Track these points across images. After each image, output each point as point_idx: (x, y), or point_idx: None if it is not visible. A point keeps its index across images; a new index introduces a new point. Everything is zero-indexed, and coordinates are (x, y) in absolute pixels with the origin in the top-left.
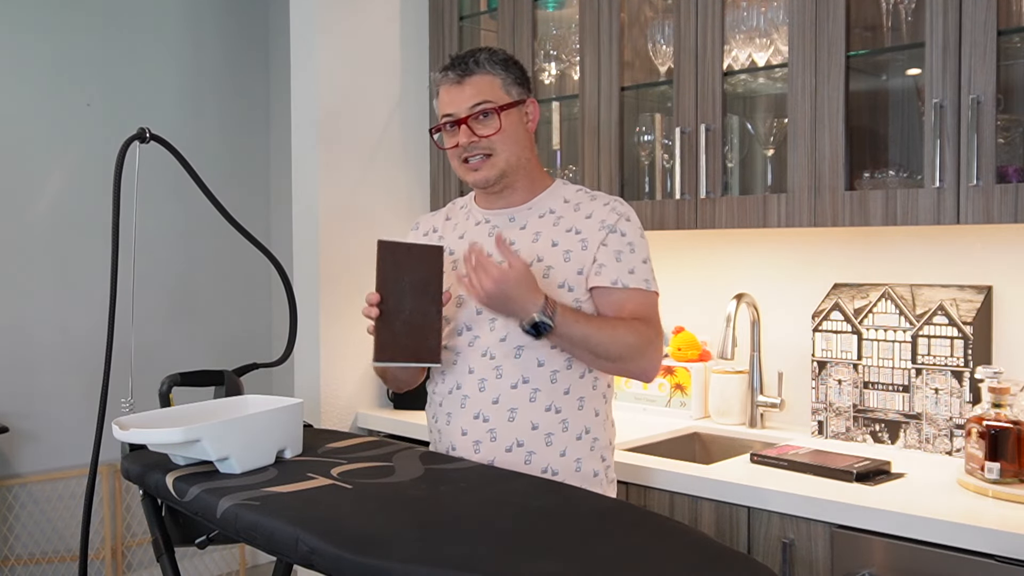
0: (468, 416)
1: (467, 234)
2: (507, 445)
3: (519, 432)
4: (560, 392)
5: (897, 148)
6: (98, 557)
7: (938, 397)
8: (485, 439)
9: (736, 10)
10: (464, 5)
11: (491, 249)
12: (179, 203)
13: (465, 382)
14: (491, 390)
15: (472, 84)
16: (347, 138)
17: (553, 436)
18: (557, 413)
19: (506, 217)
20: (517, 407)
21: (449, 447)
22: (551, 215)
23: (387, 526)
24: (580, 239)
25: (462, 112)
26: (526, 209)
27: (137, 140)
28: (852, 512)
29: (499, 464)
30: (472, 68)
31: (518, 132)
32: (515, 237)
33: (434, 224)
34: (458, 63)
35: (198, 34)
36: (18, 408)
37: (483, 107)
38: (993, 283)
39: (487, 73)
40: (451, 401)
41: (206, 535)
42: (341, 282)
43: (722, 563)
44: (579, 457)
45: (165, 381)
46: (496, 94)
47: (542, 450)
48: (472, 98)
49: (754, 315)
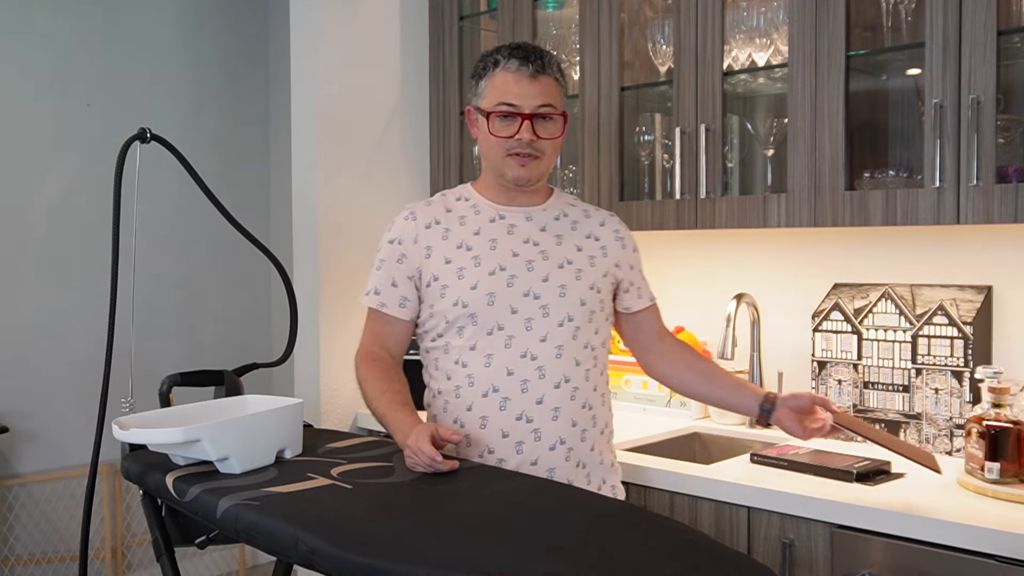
0: (510, 418)
1: (482, 230)
2: (551, 443)
3: (561, 430)
4: (591, 389)
5: (897, 148)
6: (98, 557)
7: (938, 397)
8: (529, 439)
9: (736, 10)
10: (464, 5)
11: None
12: (179, 203)
13: (504, 384)
14: (534, 390)
15: (544, 84)
16: (347, 138)
17: (586, 432)
18: (589, 409)
19: (523, 215)
20: (560, 406)
21: (484, 451)
22: (565, 218)
23: (387, 526)
24: (600, 246)
25: (528, 108)
26: (542, 210)
27: (138, 140)
28: (852, 512)
29: (541, 462)
30: (547, 68)
31: (560, 141)
32: (537, 238)
33: (435, 216)
34: (535, 58)
35: (198, 34)
36: (18, 408)
37: (549, 110)
38: (993, 283)
39: (554, 78)
40: (487, 404)
41: (206, 535)
42: (341, 282)
43: (722, 563)
44: (601, 450)
45: (165, 381)
46: (558, 100)
47: (578, 445)
48: (542, 97)
49: (754, 315)
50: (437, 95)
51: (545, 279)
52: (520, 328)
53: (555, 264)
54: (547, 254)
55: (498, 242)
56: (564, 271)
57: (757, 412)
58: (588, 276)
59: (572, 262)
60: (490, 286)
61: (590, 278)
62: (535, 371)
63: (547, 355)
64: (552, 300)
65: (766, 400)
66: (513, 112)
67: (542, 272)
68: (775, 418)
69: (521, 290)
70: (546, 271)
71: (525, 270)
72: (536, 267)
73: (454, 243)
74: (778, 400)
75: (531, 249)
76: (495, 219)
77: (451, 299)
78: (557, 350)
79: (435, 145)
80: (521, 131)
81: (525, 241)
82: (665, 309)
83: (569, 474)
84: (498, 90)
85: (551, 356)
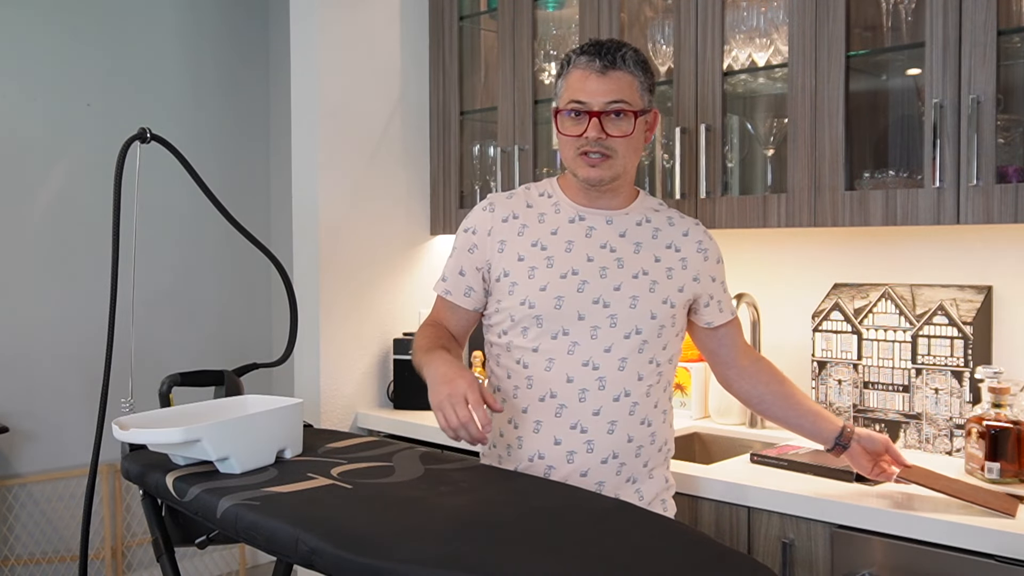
0: (564, 426)
1: (560, 230)
2: (603, 457)
3: (616, 445)
4: (651, 406)
5: (897, 148)
6: (98, 557)
7: (938, 397)
8: (581, 450)
9: (736, 10)
10: (464, 5)
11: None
12: (179, 203)
13: (562, 390)
14: (592, 401)
15: (615, 79)
16: (347, 138)
17: (643, 448)
18: (649, 426)
19: (603, 218)
20: (617, 420)
21: (535, 455)
22: (648, 224)
23: (387, 526)
24: (680, 258)
25: (597, 105)
26: (623, 214)
27: (138, 140)
28: (852, 512)
29: (591, 475)
30: (619, 63)
31: (639, 139)
32: (615, 243)
33: (513, 210)
34: (606, 53)
35: (198, 34)
36: (18, 408)
37: (620, 106)
38: (993, 283)
39: (629, 72)
40: (543, 409)
41: (206, 535)
42: (341, 282)
43: (722, 563)
44: (655, 467)
45: (165, 381)
46: (634, 96)
47: (631, 461)
48: (612, 94)
49: (754, 315)
50: (437, 95)
51: (617, 288)
52: (585, 336)
53: (629, 273)
54: (623, 262)
55: (575, 244)
56: (638, 281)
57: (832, 445)
58: (663, 289)
59: (648, 273)
60: (560, 289)
61: (665, 291)
62: (595, 381)
63: (610, 366)
64: (622, 310)
65: (843, 436)
66: (582, 109)
67: (615, 280)
68: (848, 454)
69: (591, 297)
70: (619, 280)
71: (598, 276)
72: (609, 274)
73: (529, 240)
74: (853, 438)
75: (607, 255)
76: (574, 219)
77: (519, 298)
78: (621, 362)
79: (435, 145)
80: (589, 129)
81: (602, 246)
82: None
83: (618, 489)
84: (570, 88)
85: (613, 368)
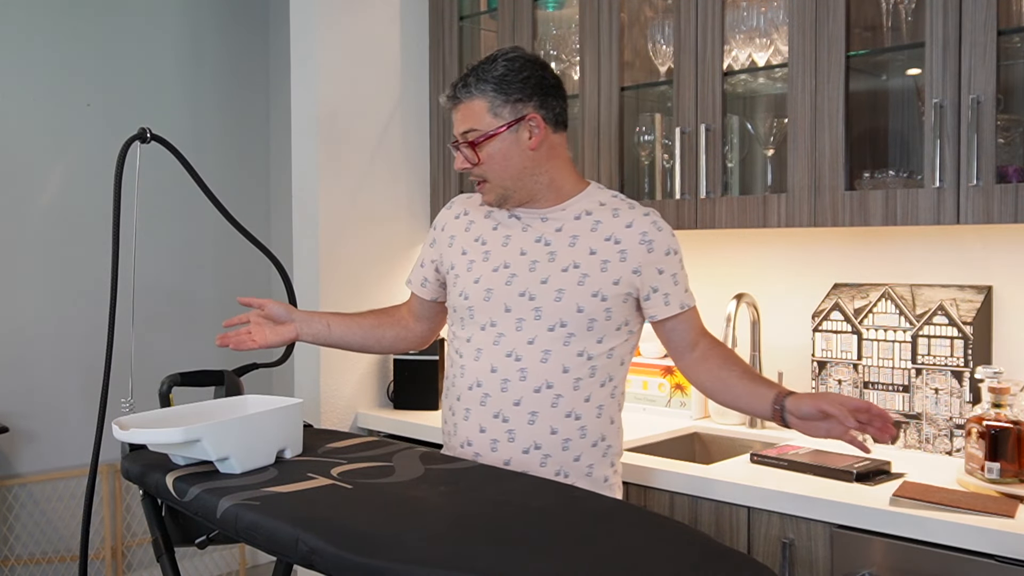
0: (488, 415)
1: (500, 226)
2: (525, 447)
3: (538, 435)
4: (581, 399)
5: (897, 148)
6: (98, 557)
7: (938, 397)
8: (503, 439)
9: (736, 10)
10: (464, 5)
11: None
12: (180, 203)
13: (487, 380)
14: (513, 391)
15: (462, 110)
16: (347, 138)
17: (570, 442)
18: (577, 420)
19: (538, 217)
20: (538, 411)
21: (464, 442)
22: (588, 217)
23: (387, 526)
24: (619, 250)
25: (456, 137)
26: (560, 210)
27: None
28: (852, 512)
29: (514, 464)
30: (459, 95)
31: (510, 156)
32: (551, 237)
33: (466, 207)
34: (452, 86)
35: (198, 34)
36: (18, 408)
37: (470, 136)
38: (993, 283)
39: (474, 98)
40: (471, 397)
41: (206, 535)
42: (341, 282)
43: (722, 563)
44: (592, 463)
45: (165, 381)
46: (482, 121)
47: (558, 454)
48: (462, 124)
49: (754, 315)
50: (437, 95)
51: (544, 281)
52: (511, 327)
53: (559, 267)
54: (555, 255)
55: (511, 239)
56: (567, 275)
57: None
58: (594, 282)
59: (579, 266)
60: (490, 282)
61: (596, 284)
62: (517, 372)
63: (532, 358)
64: (546, 303)
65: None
66: (453, 144)
67: (543, 274)
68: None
69: (518, 290)
70: (547, 273)
71: (527, 270)
72: (539, 268)
73: (473, 236)
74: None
75: (540, 249)
76: (512, 216)
77: (458, 290)
78: (544, 354)
79: (435, 145)
80: (456, 161)
81: (537, 240)
82: None
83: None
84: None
85: (536, 359)
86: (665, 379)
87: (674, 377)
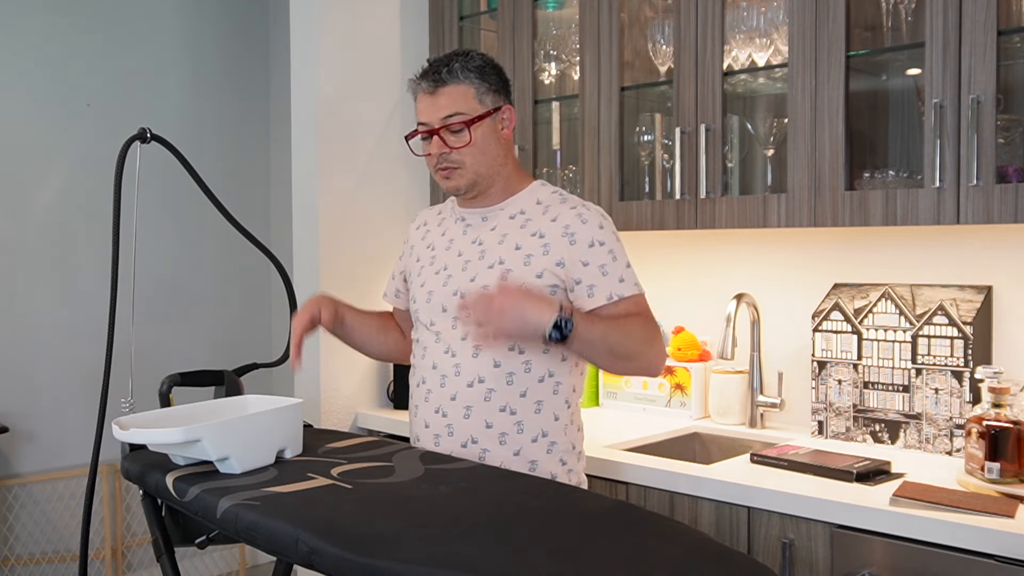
0: (431, 410)
1: (447, 232)
2: (462, 441)
3: (473, 429)
4: (516, 394)
5: (897, 148)
6: (98, 557)
7: (938, 397)
8: (443, 433)
9: (736, 10)
10: (464, 5)
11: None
12: (179, 203)
13: (429, 376)
14: (450, 386)
15: (445, 95)
16: (347, 137)
17: (507, 436)
18: (512, 414)
19: (479, 217)
20: (472, 405)
21: (415, 438)
22: (521, 216)
23: (387, 526)
24: (543, 243)
25: (435, 123)
26: (499, 210)
27: (138, 140)
28: (852, 512)
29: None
30: (445, 78)
31: (489, 142)
32: (484, 237)
33: (426, 218)
34: (432, 71)
35: (198, 34)
36: (18, 408)
37: (454, 120)
38: (993, 283)
39: (460, 83)
40: (418, 393)
41: (206, 535)
42: (341, 282)
43: (722, 563)
44: (535, 459)
45: (165, 381)
46: (469, 105)
47: (496, 448)
48: (444, 109)
49: (754, 315)
50: None
51: (472, 279)
52: (447, 326)
53: (485, 264)
54: (484, 253)
55: (454, 242)
56: (492, 271)
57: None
58: (517, 277)
59: (504, 262)
60: (432, 284)
61: (519, 279)
62: (452, 367)
63: (465, 354)
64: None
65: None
66: (425, 130)
67: (472, 272)
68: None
69: (452, 289)
70: (475, 271)
71: (460, 270)
72: (469, 267)
73: (427, 243)
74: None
75: (474, 249)
76: (458, 220)
77: (413, 294)
78: (475, 350)
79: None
80: (432, 147)
81: (473, 241)
82: (665, 309)
83: None
84: (416, 113)
85: (468, 355)
86: (665, 379)
87: (674, 377)
